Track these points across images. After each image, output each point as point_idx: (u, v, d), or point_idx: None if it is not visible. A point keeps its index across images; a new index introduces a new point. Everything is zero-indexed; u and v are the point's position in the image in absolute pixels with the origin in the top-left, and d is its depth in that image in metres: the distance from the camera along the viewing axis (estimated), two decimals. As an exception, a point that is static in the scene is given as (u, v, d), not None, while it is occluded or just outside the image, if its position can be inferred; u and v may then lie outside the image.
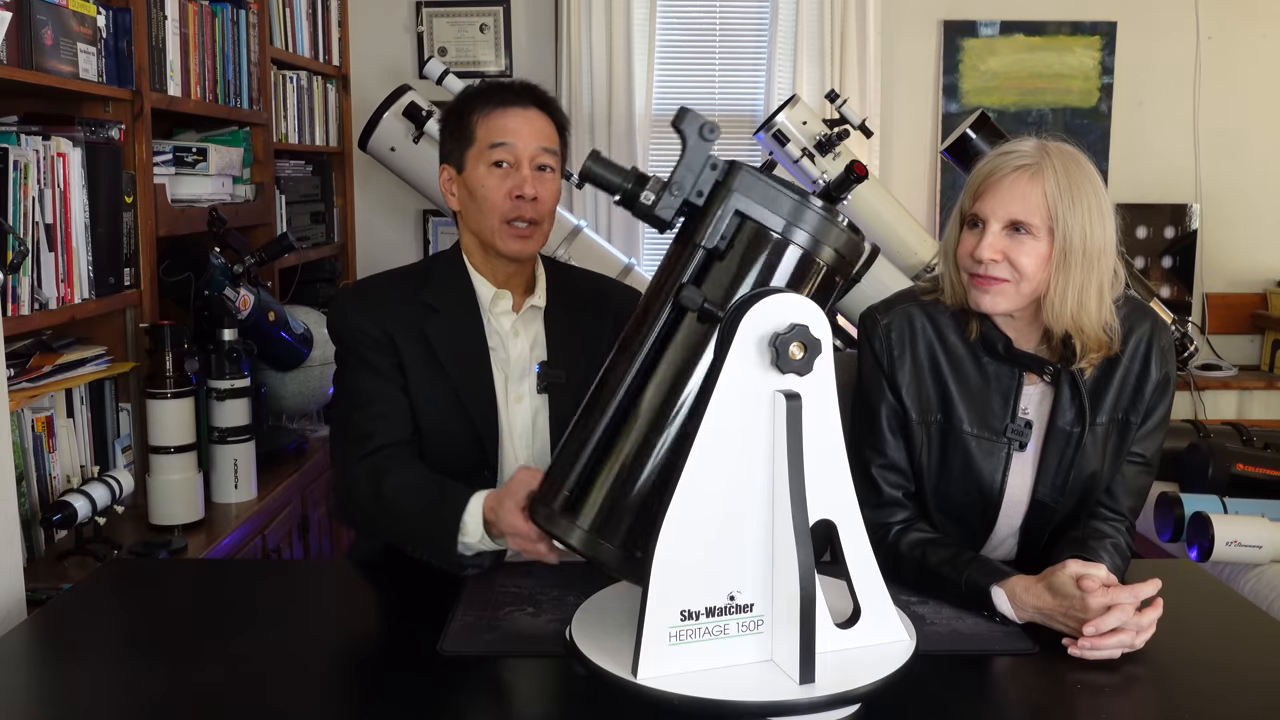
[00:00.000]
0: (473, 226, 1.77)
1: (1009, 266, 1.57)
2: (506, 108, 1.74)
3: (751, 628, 1.21)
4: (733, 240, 1.22)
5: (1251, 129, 4.13)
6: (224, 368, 2.43)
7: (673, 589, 1.19)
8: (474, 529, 1.54)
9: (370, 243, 4.12)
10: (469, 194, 1.75)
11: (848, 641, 1.23)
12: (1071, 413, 1.63)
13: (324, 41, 3.82)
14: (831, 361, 1.20)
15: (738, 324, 1.16)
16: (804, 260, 1.22)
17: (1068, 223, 1.56)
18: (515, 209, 1.72)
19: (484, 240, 1.76)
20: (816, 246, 1.22)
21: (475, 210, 1.74)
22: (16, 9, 1.94)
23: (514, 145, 1.72)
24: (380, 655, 1.42)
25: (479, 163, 1.73)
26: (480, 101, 1.75)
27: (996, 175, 1.60)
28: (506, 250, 1.74)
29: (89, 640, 1.45)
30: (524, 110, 1.75)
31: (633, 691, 1.18)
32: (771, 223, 1.21)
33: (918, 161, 4.17)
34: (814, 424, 1.19)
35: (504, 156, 1.72)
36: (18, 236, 1.93)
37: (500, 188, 1.72)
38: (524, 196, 1.71)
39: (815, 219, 1.21)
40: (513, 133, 1.73)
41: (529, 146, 1.73)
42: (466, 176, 1.75)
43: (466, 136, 1.75)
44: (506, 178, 1.72)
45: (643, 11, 3.94)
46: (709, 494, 1.18)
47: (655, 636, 1.18)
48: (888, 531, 1.64)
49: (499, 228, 1.72)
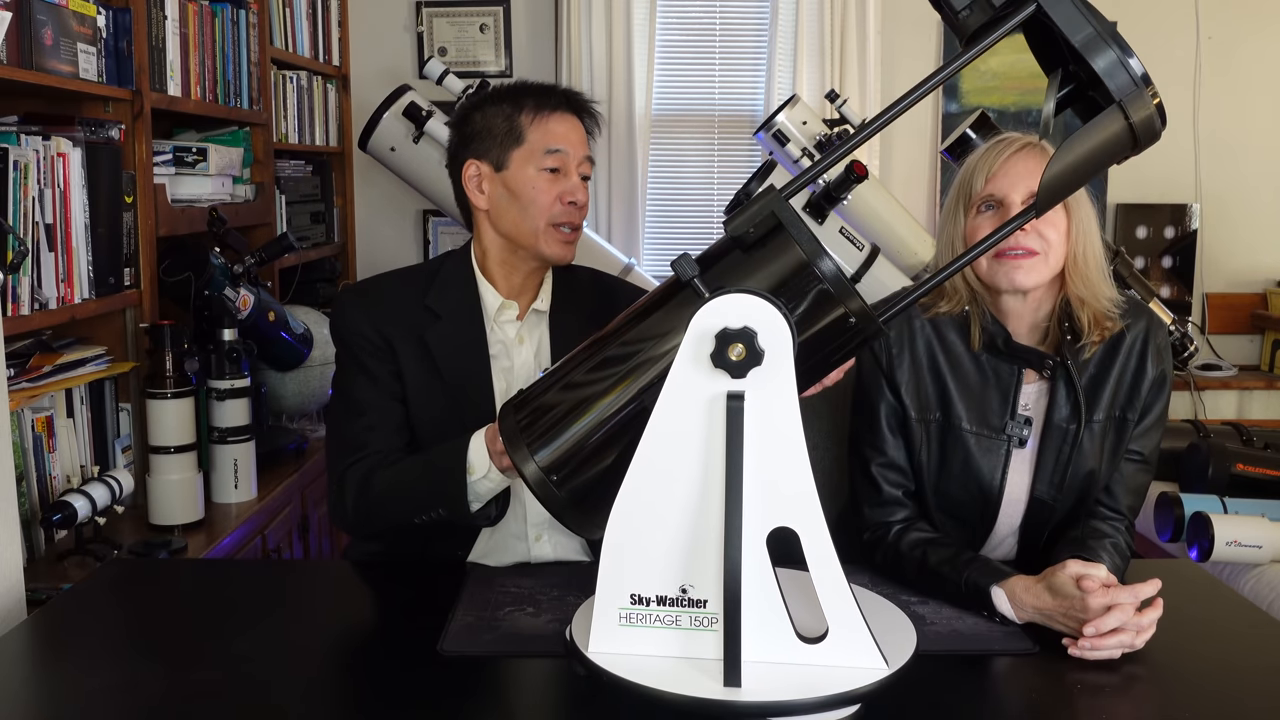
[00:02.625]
0: (507, 227, 1.74)
1: (1039, 238, 1.59)
2: (559, 113, 1.75)
3: (706, 624, 1.21)
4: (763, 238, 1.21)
5: (1251, 129, 4.13)
6: (224, 368, 2.43)
7: (622, 570, 1.20)
8: (479, 462, 1.56)
9: (370, 243, 4.12)
10: (509, 194, 1.73)
11: (811, 658, 1.20)
12: (1068, 409, 1.64)
13: (324, 41, 3.82)
14: (789, 369, 1.16)
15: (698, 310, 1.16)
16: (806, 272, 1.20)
17: (1079, 194, 1.58)
18: (565, 213, 1.72)
19: (520, 242, 1.74)
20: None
21: (516, 211, 1.73)
22: (16, 9, 1.94)
23: (566, 153, 1.73)
24: (380, 655, 1.42)
25: (528, 165, 1.72)
26: (530, 102, 1.75)
27: (1005, 155, 1.62)
28: (550, 254, 1.73)
29: (89, 640, 1.45)
30: (572, 116, 1.77)
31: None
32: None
33: (918, 161, 4.17)
34: (766, 429, 1.17)
35: (558, 163, 1.72)
36: (18, 236, 1.93)
37: (551, 191, 1.71)
38: (575, 203, 1.72)
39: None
40: (564, 139, 1.73)
41: (578, 154, 1.75)
42: (509, 176, 1.73)
43: (515, 136, 1.73)
44: (556, 183, 1.72)
45: (643, 11, 3.94)
46: (660, 480, 1.19)
47: (605, 614, 1.21)
48: (888, 531, 1.65)
49: (545, 230, 1.72)
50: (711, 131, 4.12)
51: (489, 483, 1.57)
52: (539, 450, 1.25)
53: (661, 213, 4.12)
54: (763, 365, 1.15)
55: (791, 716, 1.16)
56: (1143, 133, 1.15)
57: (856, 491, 1.73)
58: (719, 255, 1.24)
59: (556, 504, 1.26)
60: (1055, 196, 1.21)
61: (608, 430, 1.24)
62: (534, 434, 1.26)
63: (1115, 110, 1.14)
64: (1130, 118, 1.14)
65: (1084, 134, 1.17)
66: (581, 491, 1.26)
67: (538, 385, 1.33)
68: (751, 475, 1.17)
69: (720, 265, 1.22)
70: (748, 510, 1.17)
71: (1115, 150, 1.17)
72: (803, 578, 1.20)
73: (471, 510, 1.58)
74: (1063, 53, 1.17)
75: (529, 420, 1.28)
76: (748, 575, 1.17)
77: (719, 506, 1.18)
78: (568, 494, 1.25)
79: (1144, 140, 1.16)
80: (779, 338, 1.15)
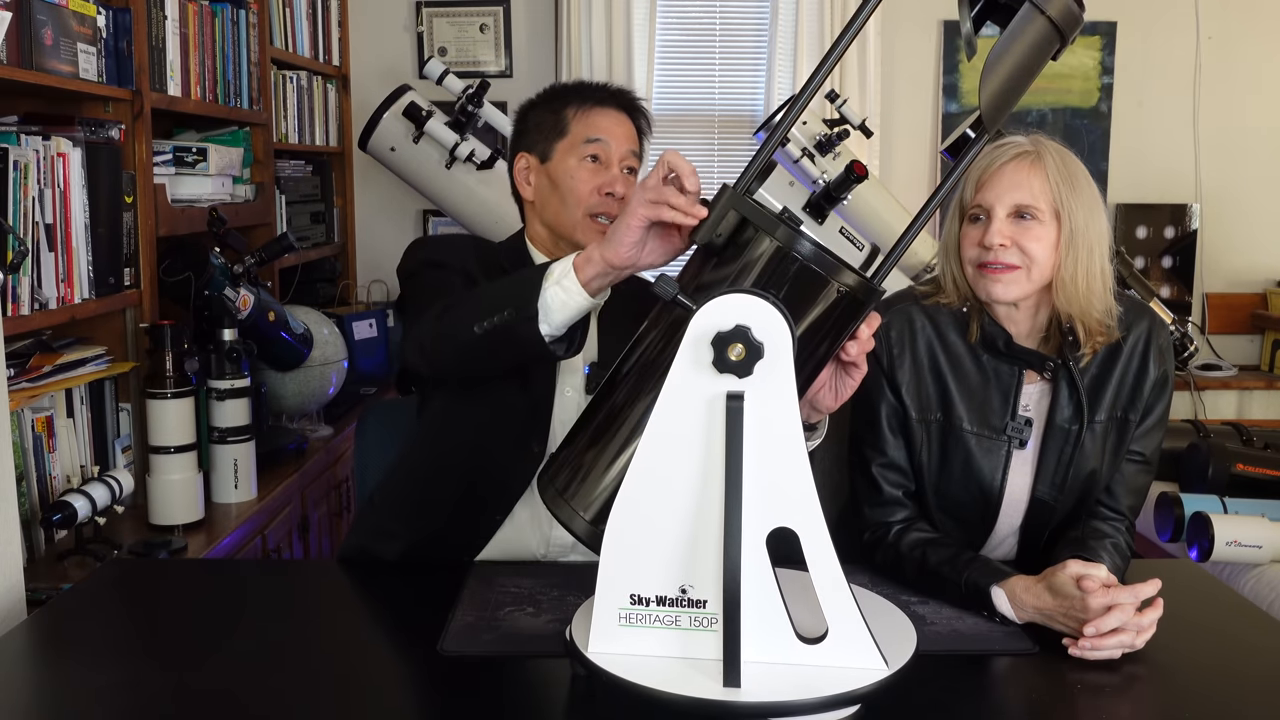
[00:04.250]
0: (549, 218, 1.77)
1: (1019, 252, 1.58)
2: (605, 107, 1.77)
3: (705, 624, 1.21)
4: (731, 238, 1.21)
5: (1251, 129, 4.13)
6: (224, 368, 2.43)
7: (622, 570, 1.20)
8: (560, 267, 1.43)
9: (370, 243, 4.12)
10: (551, 185, 1.76)
11: (811, 658, 1.20)
12: (1070, 410, 1.64)
13: (324, 41, 3.82)
14: (788, 365, 1.16)
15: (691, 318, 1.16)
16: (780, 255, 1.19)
17: (1072, 206, 1.57)
18: (603, 204, 1.73)
19: (561, 232, 1.76)
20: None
21: (557, 201, 1.75)
22: (16, 9, 1.94)
23: (608, 144, 1.75)
24: (380, 655, 1.42)
25: (570, 155, 1.75)
26: (576, 97, 1.78)
27: (997, 165, 1.61)
28: (587, 243, 1.72)
29: (89, 640, 1.45)
30: (618, 112, 1.78)
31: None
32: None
33: (918, 161, 4.17)
34: (766, 429, 1.17)
35: (598, 152, 1.74)
36: (18, 236, 1.93)
37: (590, 181, 1.73)
38: (614, 194, 1.73)
39: None
40: (607, 131, 1.75)
41: (621, 147, 1.76)
42: (552, 167, 1.76)
43: (559, 128, 1.76)
44: (597, 174, 1.74)
45: (643, 11, 3.94)
46: (659, 482, 1.19)
47: (605, 614, 1.21)
48: (888, 531, 1.65)
49: (582, 220, 1.73)
50: (711, 131, 4.12)
51: (564, 293, 1.42)
52: (585, 509, 1.27)
53: (661, 213, 4.12)
54: (765, 358, 1.15)
55: (791, 717, 1.16)
56: (1064, 22, 1.13)
57: (857, 491, 1.73)
58: (695, 268, 1.24)
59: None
60: (999, 111, 1.17)
61: None
62: (573, 495, 1.28)
63: (1029, 9, 1.13)
64: (1046, 10, 1.12)
65: (1006, 40, 1.15)
66: None
67: (564, 448, 1.33)
68: (751, 475, 1.17)
69: (699, 277, 1.23)
70: (747, 510, 1.17)
71: (1043, 47, 1.15)
72: (803, 578, 1.20)
73: (539, 327, 1.42)
74: None
75: (565, 483, 1.29)
76: (747, 575, 1.17)
77: (719, 507, 1.18)
78: None
79: (1067, 29, 1.14)
80: (774, 328, 1.15)
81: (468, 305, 1.52)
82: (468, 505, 1.72)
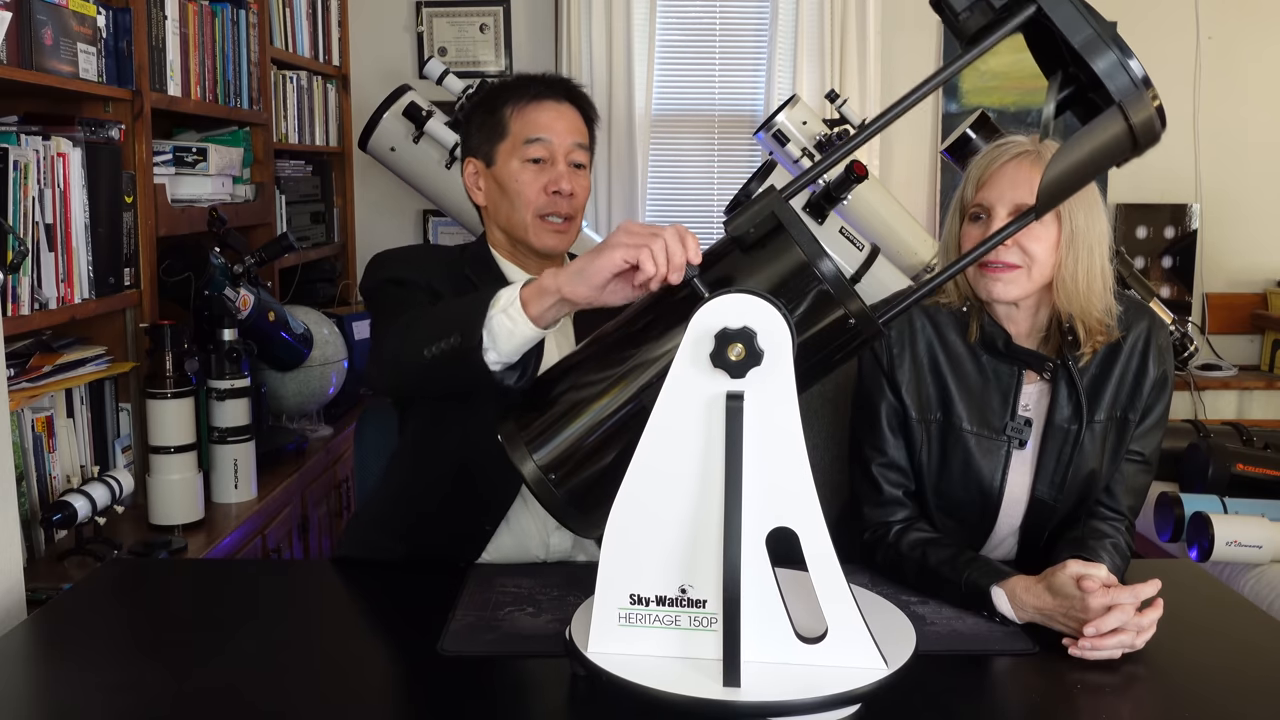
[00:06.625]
0: (502, 222, 1.74)
1: (1020, 252, 1.58)
2: (541, 101, 1.72)
3: (705, 624, 1.21)
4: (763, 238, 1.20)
5: (1251, 129, 4.13)
6: (224, 368, 2.43)
7: (622, 570, 1.20)
8: (506, 294, 1.35)
9: (370, 243, 4.11)
10: (499, 189, 1.72)
11: (811, 658, 1.20)
12: (1069, 410, 1.64)
13: (324, 41, 3.82)
14: (789, 369, 1.16)
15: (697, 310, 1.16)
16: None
17: (1072, 206, 1.57)
18: (551, 204, 1.70)
19: (515, 236, 1.74)
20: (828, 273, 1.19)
21: (507, 205, 1.72)
22: (16, 9, 1.94)
23: (550, 141, 1.70)
24: (380, 655, 1.42)
25: (512, 157, 1.71)
26: (513, 94, 1.73)
27: (998, 164, 1.61)
28: (541, 245, 1.72)
29: (89, 640, 1.45)
30: (558, 104, 1.73)
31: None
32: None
33: (918, 161, 4.16)
34: (766, 429, 1.17)
35: (540, 153, 1.70)
36: (18, 236, 1.93)
37: (535, 182, 1.70)
38: (561, 192, 1.69)
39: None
40: (547, 127, 1.70)
41: (564, 142, 1.71)
42: (497, 171, 1.72)
43: (499, 130, 1.72)
44: (541, 173, 1.70)
45: (643, 11, 3.94)
46: (660, 480, 1.19)
47: (605, 614, 1.21)
48: (888, 530, 1.65)
49: (533, 222, 1.70)
50: (711, 131, 4.12)
51: (510, 322, 1.34)
52: (537, 449, 1.25)
53: (661, 213, 4.12)
54: (762, 365, 1.15)
55: (791, 717, 1.16)
56: (1143, 134, 1.15)
57: (857, 491, 1.73)
58: (718, 255, 1.24)
59: (554, 503, 1.26)
60: (1055, 199, 1.21)
61: (606, 430, 1.24)
62: (532, 433, 1.26)
63: (1115, 112, 1.14)
64: (1130, 119, 1.14)
65: (1084, 136, 1.17)
66: (580, 491, 1.26)
67: (535, 386, 1.32)
68: (751, 475, 1.17)
69: (720, 265, 1.22)
70: (747, 510, 1.17)
71: (1115, 152, 1.17)
72: (802, 578, 1.20)
73: (484, 354, 1.34)
74: (1063, 54, 1.17)
75: (527, 420, 1.28)
76: (747, 575, 1.17)
77: (718, 506, 1.18)
78: (565, 494, 1.25)
79: (1144, 142, 1.16)
80: (779, 338, 1.15)
81: (419, 328, 1.45)
82: (455, 517, 1.70)
